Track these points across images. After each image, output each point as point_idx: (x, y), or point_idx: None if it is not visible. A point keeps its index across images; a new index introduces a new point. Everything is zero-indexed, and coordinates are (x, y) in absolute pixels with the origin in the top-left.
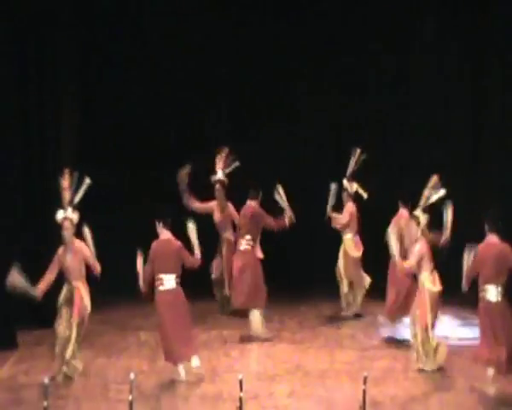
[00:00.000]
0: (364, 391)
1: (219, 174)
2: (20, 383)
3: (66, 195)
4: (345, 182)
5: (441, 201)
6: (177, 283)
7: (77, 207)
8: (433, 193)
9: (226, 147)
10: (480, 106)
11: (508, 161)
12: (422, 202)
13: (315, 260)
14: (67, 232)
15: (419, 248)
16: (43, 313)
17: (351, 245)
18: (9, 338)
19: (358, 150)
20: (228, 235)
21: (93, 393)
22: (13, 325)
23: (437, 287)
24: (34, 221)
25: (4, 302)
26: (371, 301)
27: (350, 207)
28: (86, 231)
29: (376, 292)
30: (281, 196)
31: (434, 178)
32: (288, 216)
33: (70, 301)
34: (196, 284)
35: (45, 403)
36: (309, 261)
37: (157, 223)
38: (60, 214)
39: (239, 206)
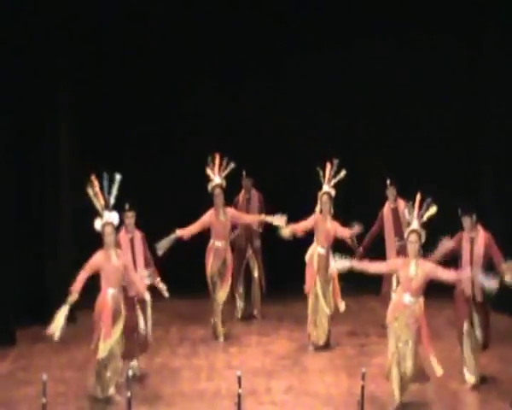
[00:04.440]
0: (363, 387)
1: (217, 179)
2: (18, 380)
3: (100, 200)
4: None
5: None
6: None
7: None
8: (425, 210)
9: (217, 153)
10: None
11: None
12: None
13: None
14: (111, 237)
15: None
16: (43, 310)
17: None
18: (8, 335)
19: (334, 161)
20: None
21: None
22: (12, 322)
23: None
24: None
25: (3, 299)
26: (370, 297)
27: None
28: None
29: (375, 288)
30: None
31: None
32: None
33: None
34: (194, 281)
35: (44, 400)
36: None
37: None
38: (98, 223)
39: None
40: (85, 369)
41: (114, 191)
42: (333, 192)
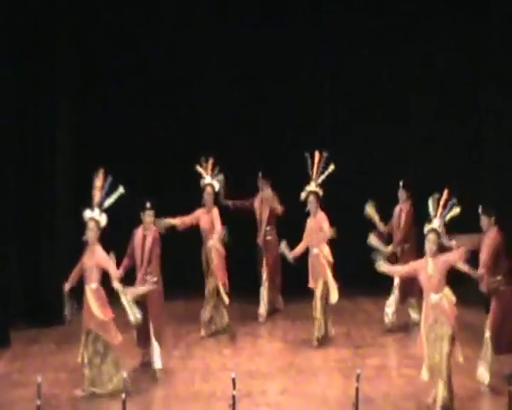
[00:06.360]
0: (357, 388)
1: (208, 179)
2: (13, 382)
3: (97, 195)
4: (314, 187)
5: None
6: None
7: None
8: (448, 210)
9: (211, 155)
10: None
11: None
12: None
13: (306, 259)
14: (91, 233)
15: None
16: (38, 312)
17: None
18: (2, 336)
19: (318, 154)
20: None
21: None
22: (6, 323)
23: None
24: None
25: None
26: (365, 299)
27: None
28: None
29: (370, 290)
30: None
31: (445, 193)
32: None
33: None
34: (191, 283)
35: (38, 402)
36: (300, 260)
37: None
38: (87, 214)
39: None
40: (79, 371)
41: (112, 199)
42: (320, 192)
